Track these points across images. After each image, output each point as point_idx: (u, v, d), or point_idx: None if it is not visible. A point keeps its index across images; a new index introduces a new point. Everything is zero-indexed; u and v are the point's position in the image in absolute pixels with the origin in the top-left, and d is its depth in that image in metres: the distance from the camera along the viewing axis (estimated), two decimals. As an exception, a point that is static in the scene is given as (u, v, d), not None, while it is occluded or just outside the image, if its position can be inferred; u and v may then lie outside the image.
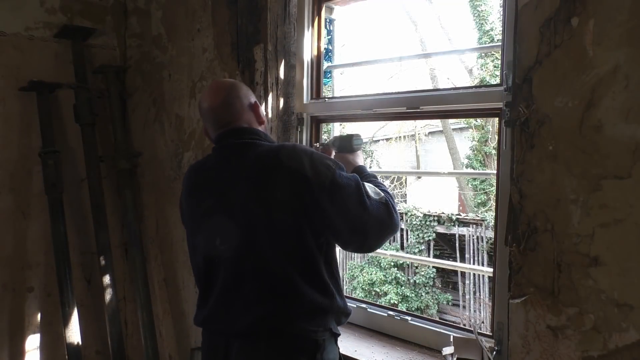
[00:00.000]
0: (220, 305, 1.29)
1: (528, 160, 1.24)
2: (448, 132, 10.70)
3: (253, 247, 1.22)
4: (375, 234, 1.24)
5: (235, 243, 1.24)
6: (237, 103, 1.36)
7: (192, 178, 1.43)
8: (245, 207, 1.23)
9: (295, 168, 1.20)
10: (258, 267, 1.22)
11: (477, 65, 10.07)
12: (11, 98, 2.29)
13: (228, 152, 1.33)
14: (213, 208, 1.31)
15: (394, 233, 1.30)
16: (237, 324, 1.24)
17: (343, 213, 1.19)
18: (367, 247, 1.31)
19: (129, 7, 2.65)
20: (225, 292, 1.28)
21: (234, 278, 1.26)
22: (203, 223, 1.34)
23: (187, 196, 1.42)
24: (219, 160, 1.35)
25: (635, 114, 1.08)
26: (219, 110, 1.35)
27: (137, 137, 2.64)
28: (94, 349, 2.57)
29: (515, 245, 1.27)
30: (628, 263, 1.10)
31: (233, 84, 1.40)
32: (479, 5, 9.69)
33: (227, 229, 1.26)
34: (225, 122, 1.35)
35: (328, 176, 1.19)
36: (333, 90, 2.45)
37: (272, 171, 1.22)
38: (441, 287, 8.73)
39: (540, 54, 1.22)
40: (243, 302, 1.24)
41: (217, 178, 1.32)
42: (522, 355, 1.26)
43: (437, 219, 8.39)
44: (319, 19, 1.97)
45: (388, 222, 1.24)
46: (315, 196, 1.18)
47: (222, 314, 1.29)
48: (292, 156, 1.22)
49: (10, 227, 2.32)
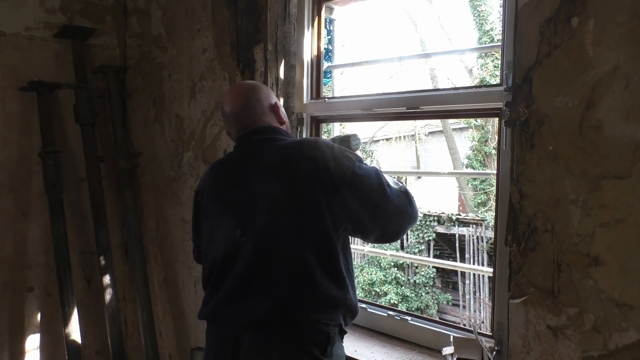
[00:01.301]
0: (232, 297, 1.28)
1: (528, 160, 1.24)
2: (448, 132, 10.70)
3: (275, 237, 1.24)
4: (397, 222, 1.27)
5: (257, 233, 1.25)
6: (258, 106, 1.38)
7: (214, 175, 1.44)
8: (266, 198, 1.25)
9: (317, 159, 1.23)
10: (278, 257, 1.23)
11: (477, 65, 10.08)
12: (11, 98, 2.29)
13: (250, 146, 1.36)
14: (234, 200, 1.32)
15: (414, 222, 1.32)
16: (251, 314, 1.24)
17: (365, 202, 1.21)
18: (388, 236, 1.33)
19: (129, 7, 2.65)
20: (240, 283, 1.27)
21: (252, 269, 1.26)
22: (224, 216, 1.35)
23: (209, 192, 1.43)
24: (240, 155, 1.38)
25: (635, 114, 1.08)
26: (240, 114, 1.38)
27: (137, 137, 2.64)
28: (94, 349, 2.57)
29: (515, 245, 1.27)
30: (628, 263, 1.10)
31: (253, 86, 1.42)
32: (479, 5, 9.70)
33: (249, 219, 1.27)
34: (247, 125, 1.38)
35: (349, 167, 1.22)
36: (333, 90, 2.46)
37: (294, 162, 1.25)
38: (441, 287, 8.73)
39: (540, 54, 1.22)
40: (259, 293, 1.24)
41: (238, 171, 1.35)
42: (522, 355, 1.26)
43: (437, 219, 8.40)
44: (319, 19, 1.97)
45: (409, 210, 1.27)
46: (336, 186, 1.20)
47: (233, 306, 1.28)
48: (314, 148, 1.25)
49: (10, 227, 2.32)
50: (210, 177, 1.45)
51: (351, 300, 1.28)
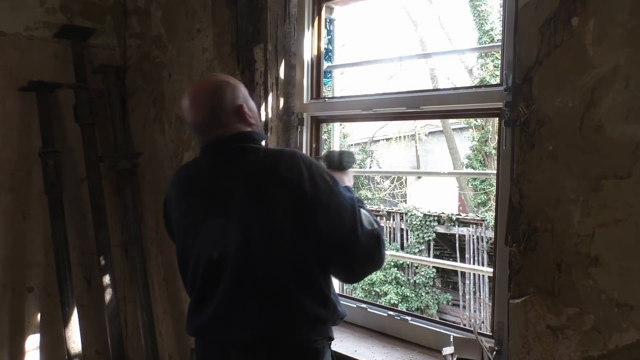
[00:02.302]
0: (218, 317, 1.25)
1: (528, 160, 1.24)
2: (448, 132, 10.70)
3: (251, 258, 1.19)
4: (359, 265, 1.21)
5: (234, 254, 1.21)
6: (223, 116, 1.27)
7: (180, 187, 1.37)
8: (243, 217, 1.20)
9: (293, 180, 1.16)
10: (257, 279, 1.20)
11: (477, 65, 10.08)
12: (11, 98, 2.29)
13: (219, 157, 1.29)
14: (210, 216, 1.26)
15: (377, 268, 1.26)
16: (237, 335, 1.22)
17: (333, 234, 1.16)
18: (348, 276, 1.28)
19: (129, 7, 2.65)
20: (223, 303, 1.24)
21: (233, 289, 1.22)
22: (198, 231, 1.29)
23: (176, 203, 1.37)
24: (209, 166, 1.30)
25: (635, 114, 1.08)
26: (203, 126, 1.28)
27: (137, 137, 2.64)
28: (94, 349, 2.57)
29: (515, 245, 1.27)
30: (628, 263, 1.10)
31: (214, 92, 1.27)
32: (479, 5, 9.70)
33: (225, 238, 1.22)
34: (213, 136, 1.28)
35: (325, 192, 1.16)
36: (333, 90, 2.45)
37: (270, 181, 1.18)
38: (441, 287, 8.73)
39: (540, 54, 1.22)
40: (243, 314, 1.21)
41: (212, 184, 1.27)
42: (522, 355, 1.26)
43: (437, 219, 8.40)
44: (319, 19, 1.97)
45: (375, 256, 1.20)
46: (310, 211, 1.15)
47: (220, 326, 1.25)
48: (291, 167, 1.18)
49: (10, 227, 2.32)
50: (177, 188, 1.38)
51: (338, 313, 1.26)
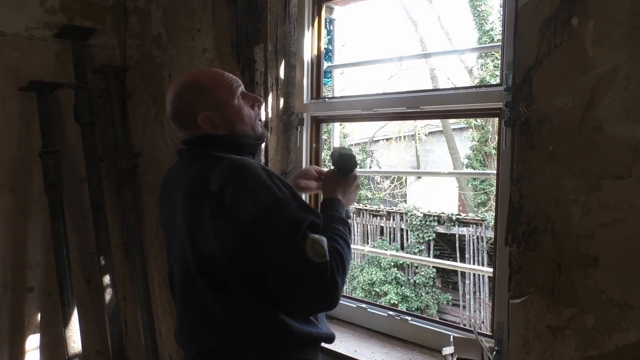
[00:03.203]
0: (179, 325, 1.24)
1: (528, 160, 1.24)
2: (448, 132, 10.70)
3: (188, 275, 1.13)
4: (289, 296, 1.04)
5: (179, 265, 1.18)
6: (185, 117, 1.20)
7: (161, 184, 1.34)
8: (181, 230, 1.15)
9: (217, 196, 1.03)
10: (195, 297, 1.13)
11: (477, 65, 10.08)
12: (11, 98, 2.29)
13: (183, 160, 1.25)
14: (166, 221, 1.26)
15: (322, 306, 1.07)
16: (193, 347, 1.18)
17: (256, 257, 1.02)
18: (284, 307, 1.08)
19: (129, 7, 2.65)
20: (179, 313, 1.23)
21: (184, 303, 1.20)
22: (164, 232, 1.31)
23: (158, 202, 1.35)
24: (177, 168, 1.27)
25: (635, 114, 1.08)
26: (172, 123, 1.24)
27: (137, 137, 2.64)
28: (94, 349, 2.57)
29: (515, 245, 1.27)
30: (628, 263, 1.10)
31: (179, 93, 1.21)
32: (479, 5, 9.70)
33: (173, 248, 1.21)
34: (181, 133, 1.24)
35: (249, 212, 1.00)
36: (333, 90, 2.45)
37: (198, 197, 1.08)
38: (441, 287, 8.73)
39: (540, 54, 1.22)
40: (192, 330, 1.18)
41: (171, 188, 1.23)
42: (522, 355, 1.26)
43: (437, 219, 8.39)
44: (319, 19, 1.97)
45: (310, 291, 1.01)
46: (229, 229, 1.03)
47: (181, 334, 1.24)
48: (218, 180, 1.05)
49: (10, 227, 2.32)
50: (160, 186, 1.35)
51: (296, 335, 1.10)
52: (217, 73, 1.25)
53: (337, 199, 1.25)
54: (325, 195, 1.30)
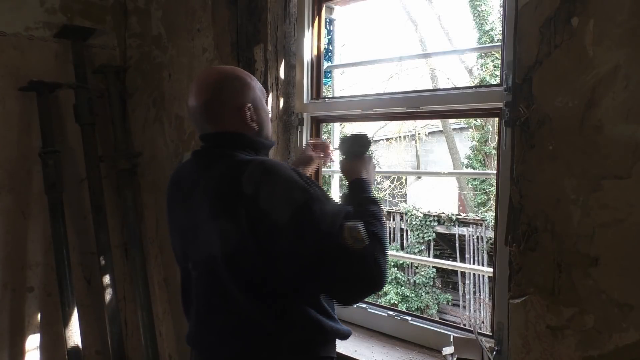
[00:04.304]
0: (196, 332, 1.21)
1: (528, 160, 1.24)
2: (448, 132, 10.70)
3: (216, 279, 1.11)
4: (339, 285, 1.04)
5: (200, 271, 1.15)
6: (219, 108, 1.16)
7: (169, 186, 1.31)
8: (206, 235, 1.11)
9: (251, 198, 1.02)
10: (225, 301, 1.11)
11: (477, 65, 10.09)
12: (11, 98, 2.29)
13: (201, 161, 1.21)
14: (183, 223, 1.21)
15: (371, 289, 1.07)
16: (222, 352, 1.16)
17: (297, 255, 1.01)
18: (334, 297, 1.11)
19: (129, 7, 2.65)
20: (197, 322, 1.21)
21: (204, 310, 1.18)
22: (176, 239, 1.27)
23: (167, 202, 1.33)
24: (193, 169, 1.22)
25: (635, 114, 1.08)
26: (197, 115, 1.18)
27: (137, 137, 2.64)
28: (94, 349, 2.57)
29: (515, 245, 1.27)
30: (628, 263, 1.10)
31: (216, 83, 1.17)
32: (479, 5, 9.70)
33: (193, 253, 1.18)
34: (205, 127, 1.19)
35: (287, 212, 1.00)
36: (333, 90, 2.45)
37: (230, 200, 1.06)
38: (441, 287, 8.73)
39: (540, 53, 1.22)
40: (214, 337, 1.16)
41: (187, 190, 1.20)
42: (522, 355, 1.26)
43: (437, 219, 8.40)
44: (319, 19, 1.97)
45: (358, 276, 1.02)
46: (266, 230, 1.02)
47: (197, 344, 1.22)
48: (251, 182, 1.04)
49: (10, 227, 2.32)
50: (168, 187, 1.32)
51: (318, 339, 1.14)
52: (249, 73, 1.26)
53: (362, 179, 1.27)
54: (348, 179, 1.30)
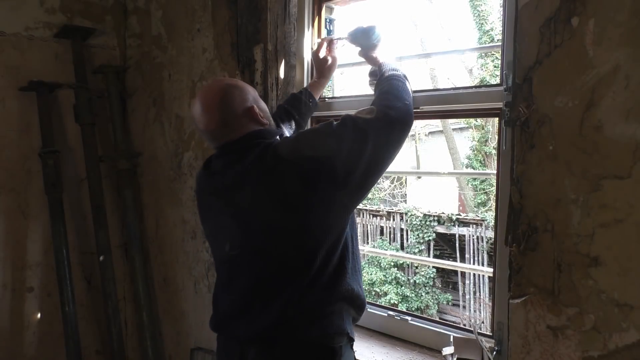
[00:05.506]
0: (233, 313, 1.28)
1: (528, 160, 1.24)
2: (448, 132, 10.70)
3: (260, 253, 1.22)
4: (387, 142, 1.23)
5: (243, 249, 1.24)
6: (233, 120, 1.27)
7: (200, 182, 1.41)
8: (251, 211, 1.22)
9: (297, 159, 1.17)
10: (265, 274, 1.22)
11: (477, 65, 10.07)
12: (11, 98, 2.29)
13: (232, 155, 1.29)
14: (220, 214, 1.30)
15: (401, 131, 1.27)
16: (251, 330, 1.23)
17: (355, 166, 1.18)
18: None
19: (129, 7, 2.65)
20: (237, 300, 1.28)
21: (246, 286, 1.26)
22: (213, 228, 1.37)
23: (198, 197, 1.44)
24: (223, 164, 1.31)
25: (635, 114, 1.08)
26: (216, 133, 1.29)
27: (137, 137, 2.64)
28: (94, 349, 2.57)
29: (515, 245, 1.27)
30: (628, 263, 1.10)
31: (223, 98, 1.27)
32: (479, 5, 9.69)
33: (236, 234, 1.25)
34: (226, 140, 1.29)
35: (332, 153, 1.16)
36: (333, 90, 2.45)
37: (274, 168, 1.18)
38: (441, 287, 8.73)
39: (540, 53, 1.22)
40: (255, 309, 1.23)
41: (221, 183, 1.29)
42: (522, 355, 1.26)
43: (437, 219, 8.39)
44: (319, 19, 1.97)
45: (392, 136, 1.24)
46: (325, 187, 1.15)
47: (234, 321, 1.28)
48: (291, 146, 1.21)
49: (10, 227, 2.32)
50: (198, 183, 1.42)
51: (350, 305, 1.25)
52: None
53: (381, 63, 1.48)
54: (372, 65, 1.53)
